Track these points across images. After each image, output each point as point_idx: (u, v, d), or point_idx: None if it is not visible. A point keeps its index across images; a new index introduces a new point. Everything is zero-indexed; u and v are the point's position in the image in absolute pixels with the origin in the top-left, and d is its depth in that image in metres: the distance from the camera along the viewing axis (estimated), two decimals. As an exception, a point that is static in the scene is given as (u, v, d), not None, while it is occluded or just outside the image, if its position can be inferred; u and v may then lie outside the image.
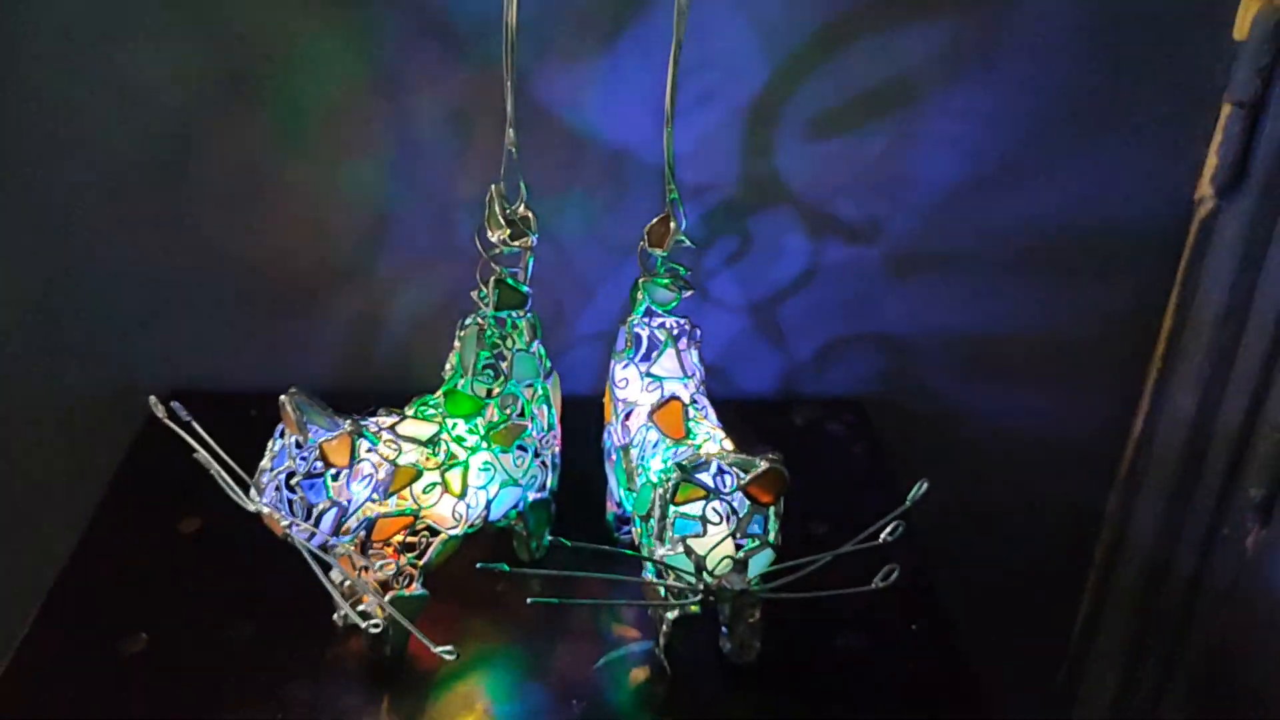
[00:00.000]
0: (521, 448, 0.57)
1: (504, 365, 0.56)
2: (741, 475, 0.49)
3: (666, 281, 0.56)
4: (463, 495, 0.54)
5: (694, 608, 0.53)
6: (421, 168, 0.71)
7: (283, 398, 0.49)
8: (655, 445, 0.55)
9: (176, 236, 0.72)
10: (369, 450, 0.51)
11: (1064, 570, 0.88)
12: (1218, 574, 0.81)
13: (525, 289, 0.56)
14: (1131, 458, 0.83)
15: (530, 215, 0.55)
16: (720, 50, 0.68)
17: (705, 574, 0.49)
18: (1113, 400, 0.81)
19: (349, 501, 0.50)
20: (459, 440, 0.55)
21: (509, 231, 0.54)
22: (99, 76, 0.66)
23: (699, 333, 0.58)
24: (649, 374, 0.57)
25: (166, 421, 0.51)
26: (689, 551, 0.49)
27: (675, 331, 0.57)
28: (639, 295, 0.57)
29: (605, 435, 0.61)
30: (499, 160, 0.56)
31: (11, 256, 0.72)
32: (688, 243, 0.56)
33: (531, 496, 0.58)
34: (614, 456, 0.59)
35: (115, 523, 0.65)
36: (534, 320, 0.57)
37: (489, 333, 0.56)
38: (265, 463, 0.50)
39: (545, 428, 0.58)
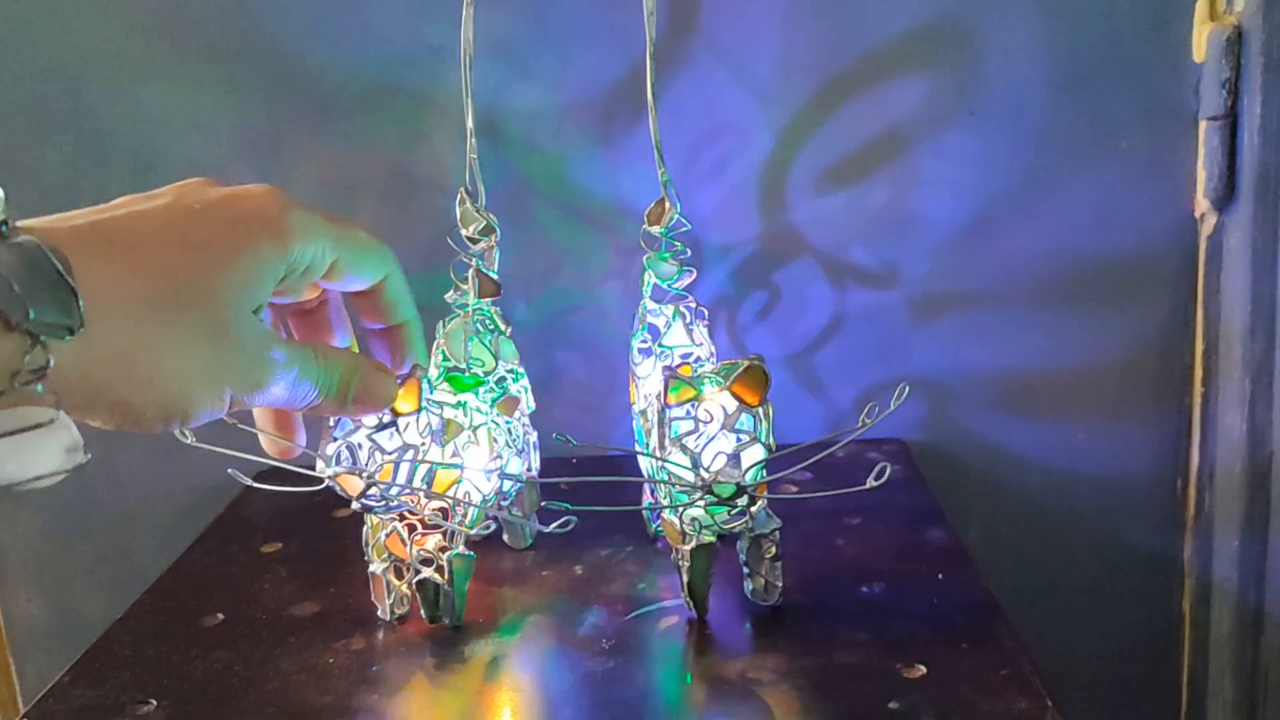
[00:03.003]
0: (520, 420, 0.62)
1: (489, 349, 0.62)
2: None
3: (668, 255, 0.63)
4: (494, 454, 0.60)
5: (709, 536, 0.56)
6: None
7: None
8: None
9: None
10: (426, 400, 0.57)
11: (1153, 627, 0.85)
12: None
13: (496, 277, 0.63)
14: (1196, 495, 0.83)
15: (490, 216, 0.62)
16: (727, 122, 0.78)
17: (702, 470, 0.53)
18: (1163, 431, 0.82)
19: (416, 448, 0.55)
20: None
21: (483, 224, 0.61)
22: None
23: (705, 311, 0.65)
24: (660, 345, 0.63)
25: (188, 441, 0.50)
26: (685, 450, 0.53)
27: (681, 308, 0.64)
28: (646, 275, 0.65)
29: (634, 424, 0.66)
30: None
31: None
32: (686, 224, 0.63)
33: (525, 475, 0.63)
34: (637, 433, 0.64)
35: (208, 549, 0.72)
36: (501, 312, 0.64)
37: (474, 322, 0.62)
38: (325, 437, 0.56)
39: (527, 409, 0.64)
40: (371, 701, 0.53)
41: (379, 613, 0.60)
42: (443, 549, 0.58)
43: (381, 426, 0.54)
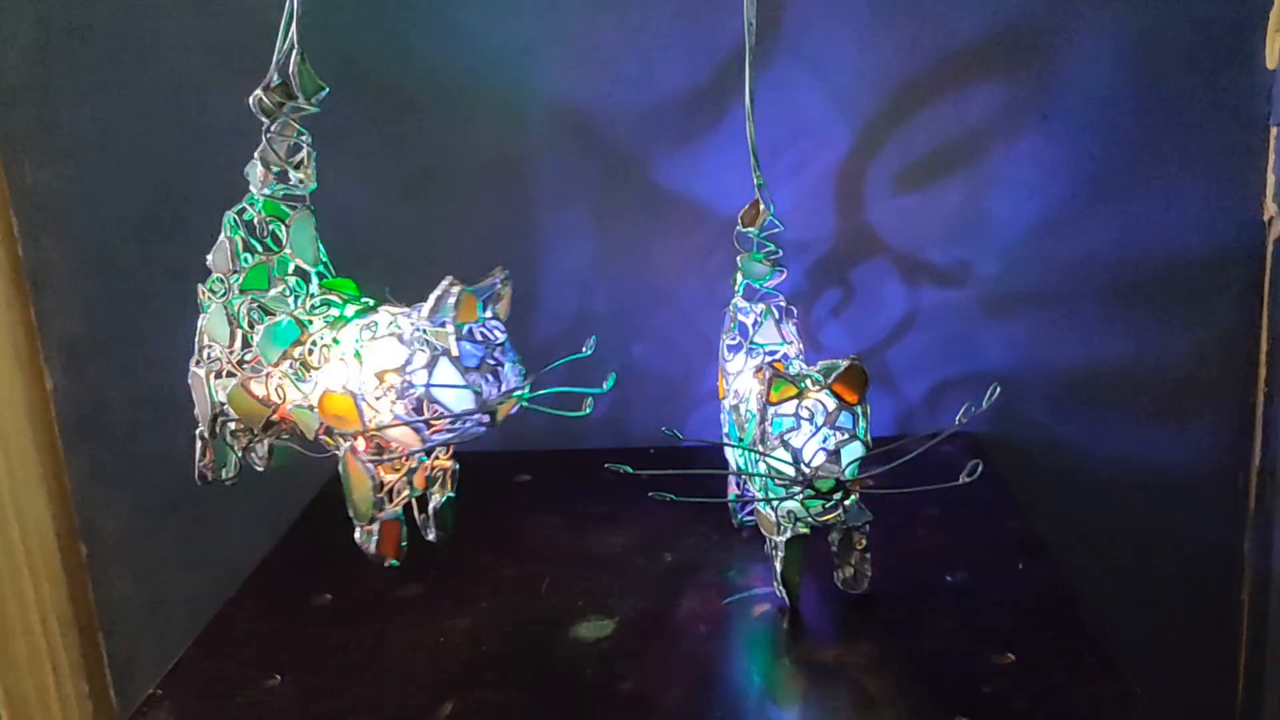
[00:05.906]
0: None
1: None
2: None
3: (760, 256, 0.66)
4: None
5: (803, 528, 0.59)
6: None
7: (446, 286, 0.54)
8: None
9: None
10: None
11: (1213, 619, 0.87)
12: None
13: None
14: (1258, 490, 0.85)
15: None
16: (807, 123, 0.80)
17: (802, 465, 0.56)
18: (1227, 428, 0.84)
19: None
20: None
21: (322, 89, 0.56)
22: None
23: (794, 310, 0.67)
24: (751, 342, 0.66)
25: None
26: (787, 446, 0.56)
27: (771, 306, 0.66)
28: (738, 274, 0.67)
29: (722, 418, 0.69)
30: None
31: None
32: (779, 225, 0.66)
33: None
34: (726, 427, 0.67)
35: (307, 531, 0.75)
36: None
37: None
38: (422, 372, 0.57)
39: None
40: (486, 680, 0.56)
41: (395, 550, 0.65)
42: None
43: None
